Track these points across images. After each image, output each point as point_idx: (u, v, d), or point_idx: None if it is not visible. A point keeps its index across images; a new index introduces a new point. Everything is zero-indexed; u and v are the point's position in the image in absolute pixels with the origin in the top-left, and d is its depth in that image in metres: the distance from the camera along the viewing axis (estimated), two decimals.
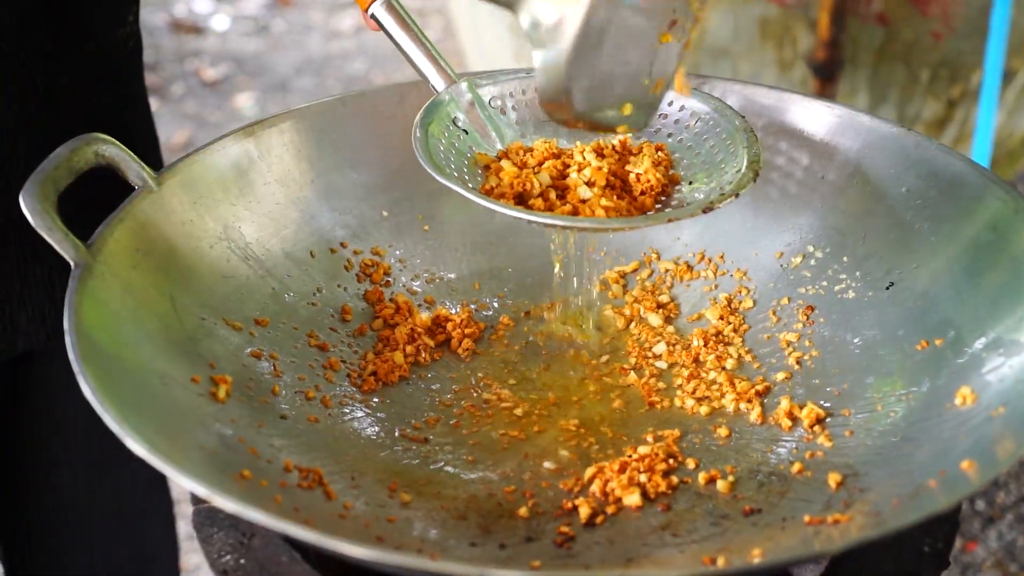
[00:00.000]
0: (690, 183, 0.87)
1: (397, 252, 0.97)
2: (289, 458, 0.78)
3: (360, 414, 0.86)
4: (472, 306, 0.96)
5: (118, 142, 0.84)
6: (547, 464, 0.82)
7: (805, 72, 1.99)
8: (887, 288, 0.88)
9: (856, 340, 0.87)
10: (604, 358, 0.92)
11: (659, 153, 0.88)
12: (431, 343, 0.92)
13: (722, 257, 0.97)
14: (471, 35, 2.61)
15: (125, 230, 0.82)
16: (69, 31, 0.93)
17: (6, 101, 0.90)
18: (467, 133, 0.89)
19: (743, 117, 0.88)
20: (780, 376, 0.88)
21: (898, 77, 2.02)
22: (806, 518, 0.74)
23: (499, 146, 0.89)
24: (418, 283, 0.97)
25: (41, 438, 1.09)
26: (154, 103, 3.11)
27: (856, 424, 0.82)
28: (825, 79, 1.93)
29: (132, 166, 0.85)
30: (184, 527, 1.93)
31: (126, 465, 1.14)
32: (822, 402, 0.84)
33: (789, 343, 0.90)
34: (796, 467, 0.80)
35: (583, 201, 0.84)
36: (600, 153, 0.88)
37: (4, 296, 0.94)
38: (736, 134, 0.87)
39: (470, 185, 0.85)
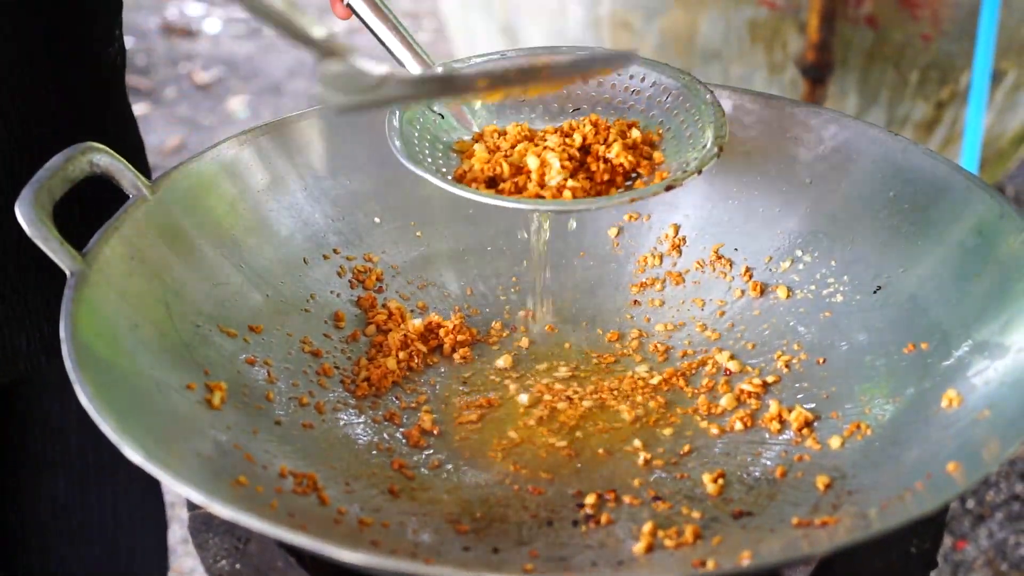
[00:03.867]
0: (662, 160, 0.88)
1: (390, 258, 0.98)
2: (284, 464, 0.79)
3: (354, 420, 0.86)
4: (464, 312, 0.97)
5: (112, 151, 0.85)
6: (540, 468, 0.83)
7: (795, 74, 2.00)
8: (874, 292, 0.89)
9: (844, 344, 0.88)
10: (595, 363, 0.93)
11: (634, 131, 0.89)
12: (424, 349, 0.93)
13: (711, 263, 0.97)
14: (463, 37, 2.61)
15: (120, 239, 0.83)
16: (65, 53, 0.94)
17: (3, 123, 0.91)
18: (443, 117, 0.91)
19: (711, 92, 0.89)
20: (769, 380, 0.89)
21: (888, 79, 2.03)
22: (795, 520, 0.75)
23: (475, 129, 0.91)
24: (411, 289, 0.98)
25: (36, 446, 1.09)
26: (147, 107, 3.12)
27: (844, 427, 0.82)
28: (815, 81, 1.94)
29: (126, 175, 0.86)
30: (179, 531, 1.94)
31: (119, 472, 1.15)
32: (810, 405, 0.85)
33: (777, 347, 0.91)
34: (785, 470, 0.80)
35: (550, 184, 0.85)
36: (568, 135, 0.88)
37: (4, 320, 0.95)
38: (703, 108, 0.88)
39: (444, 171, 0.87)
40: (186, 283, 0.86)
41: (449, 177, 0.86)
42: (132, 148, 1.05)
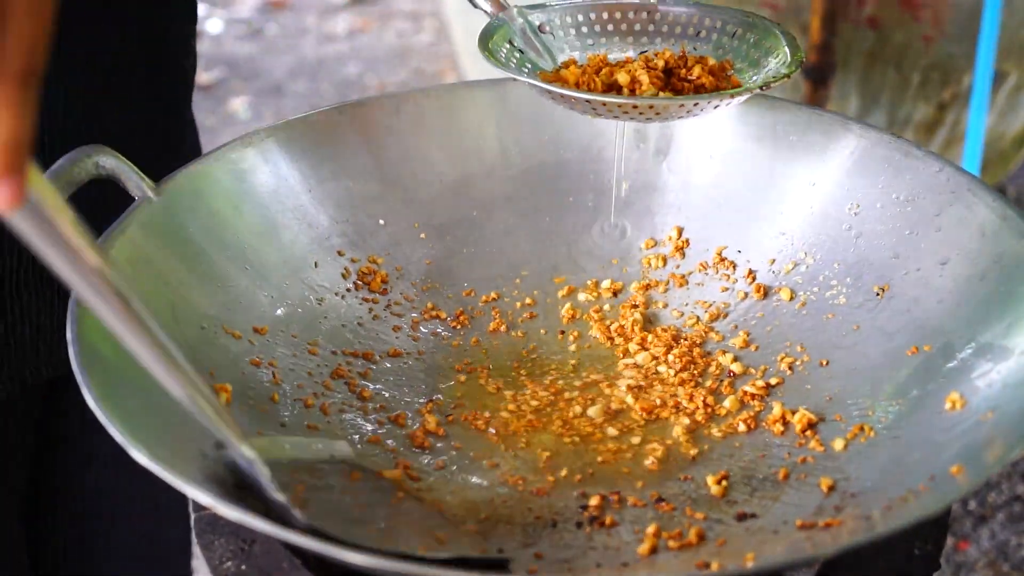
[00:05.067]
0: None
1: (394, 261, 0.99)
2: None
3: (358, 421, 0.87)
4: (468, 313, 0.97)
5: (118, 154, 0.85)
6: (544, 470, 0.83)
7: (797, 76, 2.00)
8: (877, 295, 0.90)
9: (847, 346, 0.89)
10: (599, 365, 0.93)
11: (709, 62, 0.93)
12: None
13: (714, 265, 0.98)
14: (464, 38, 2.62)
15: (126, 241, 0.83)
16: (155, 62, 0.96)
17: (100, 132, 0.92)
18: (522, 53, 0.95)
19: (778, 23, 0.94)
20: (772, 382, 0.89)
21: (889, 80, 2.03)
22: (798, 522, 0.75)
23: (553, 65, 0.95)
24: (415, 291, 0.98)
25: (72, 434, 1.10)
26: None
27: (847, 429, 0.83)
28: (816, 83, 1.94)
29: (132, 177, 0.86)
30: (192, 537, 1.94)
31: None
32: (814, 407, 0.86)
33: (780, 349, 0.91)
34: (788, 472, 0.81)
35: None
36: (649, 65, 0.93)
37: (51, 314, 0.96)
38: (771, 33, 0.93)
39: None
40: (191, 285, 0.87)
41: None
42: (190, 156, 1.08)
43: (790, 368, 0.90)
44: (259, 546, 0.78)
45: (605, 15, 0.98)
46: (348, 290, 0.96)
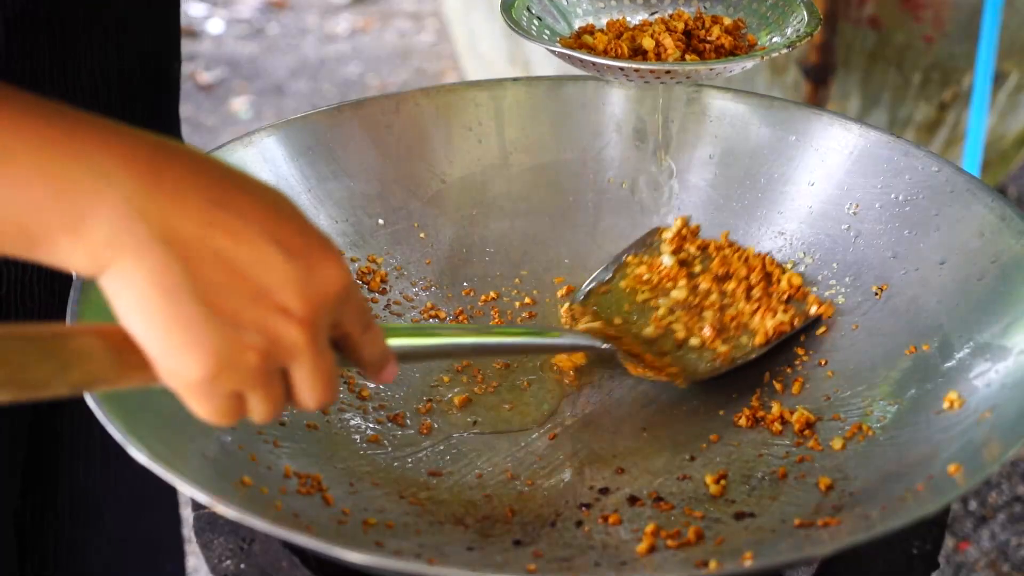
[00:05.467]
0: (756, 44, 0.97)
1: (393, 260, 0.99)
2: (288, 464, 0.79)
3: (358, 420, 0.87)
4: (467, 312, 0.97)
5: None
6: (543, 469, 0.83)
7: (798, 76, 2.00)
8: (876, 294, 0.90)
9: (845, 345, 0.89)
10: (598, 363, 0.93)
11: (725, 19, 0.97)
12: None
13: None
14: (465, 38, 2.62)
15: None
16: (145, 69, 0.96)
17: None
18: (541, 19, 0.98)
19: None
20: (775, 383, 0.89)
21: (890, 80, 2.03)
22: (797, 521, 0.75)
23: (570, 30, 0.99)
24: (415, 290, 0.98)
25: (62, 431, 1.10)
26: None
27: (845, 428, 0.83)
28: (818, 83, 1.94)
29: None
30: (182, 531, 1.94)
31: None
32: (812, 406, 0.86)
33: (780, 348, 0.91)
34: (786, 471, 0.81)
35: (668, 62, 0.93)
36: (669, 28, 0.96)
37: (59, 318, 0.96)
38: (790, 2, 0.96)
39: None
40: None
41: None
42: None
43: (789, 367, 0.90)
44: (258, 545, 0.78)
45: None
46: None
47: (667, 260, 0.94)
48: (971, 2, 1.92)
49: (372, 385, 0.90)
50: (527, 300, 0.99)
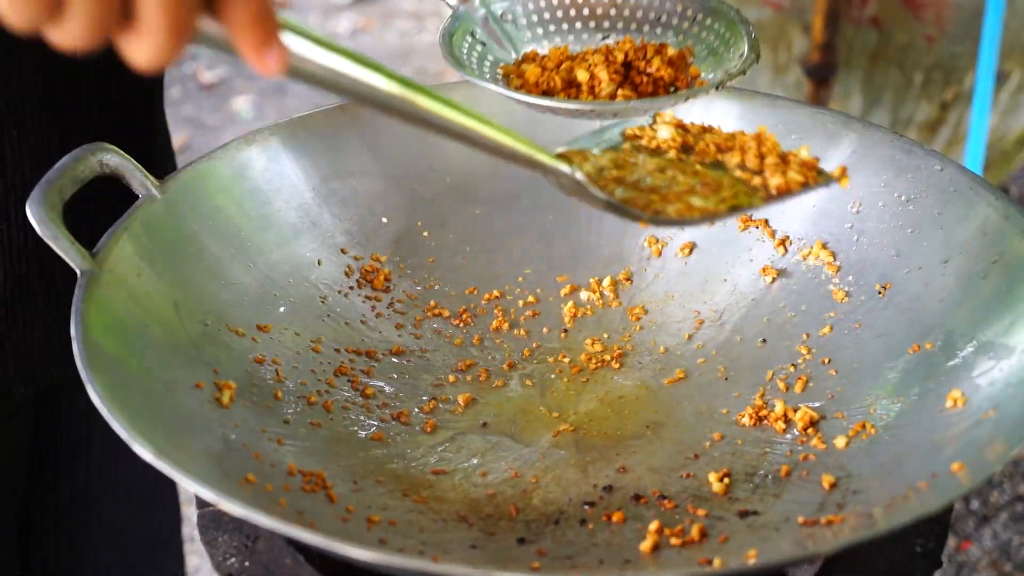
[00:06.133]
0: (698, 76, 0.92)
1: (397, 259, 0.99)
2: (292, 462, 0.79)
3: (361, 418, 0.87)
4: (471, 311, 0.97)
5: (121, 151, 0.86)
6: (546, 467, 0.83)
7: (799, 75, 2.00)
8: (879, 292, 0.90)
9: (848, 344, 0.89)
10: (599, 361, 0.93)
11: (669, 48, 0.92)
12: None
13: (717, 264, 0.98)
14: None
15: (130, 238, 0.84)
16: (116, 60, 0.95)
17: (50, 129, 0.92)
18: (484, 45, 0.93)
19: (737, 10, 0.92)
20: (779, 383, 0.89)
21: (892, 80, 2.03)
22: (800, 519, 0.75)
23: (515, 56, 0.94)
24: (418, 289, 0.98)
25: (63, 428, 1.10)
26: None
27: (849, 427, 0.83)
28: (819, 82, 1.94)
29: (136, 175, 0.86)
30: (185, 529, 1.95)
31: (137, 460, 1.16)
32: (816, 405, 0.86)
33: (782, 347, 0.91)
34: (790, 469, 0.81)
35: (601, 96, 0.89)
36: (609, 58, 0.91)
37: (55, 319, 0.96)
38: (734, 25, 0.92)
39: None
40: (195, 283, 0.87)
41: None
42: (164, 153, 1.07)
43: (792, 366, 0.90)
44: (262, 542, 0.78)
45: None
46: (351, 288, 0.96)
47: (664, 132, 0.89)
48: (973, 2, 1.92)
49: (376, 383, 0.90)
50: (531, 299, 0.99)
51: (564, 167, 0.74)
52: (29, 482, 1.11)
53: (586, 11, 0.95)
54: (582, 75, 0.89)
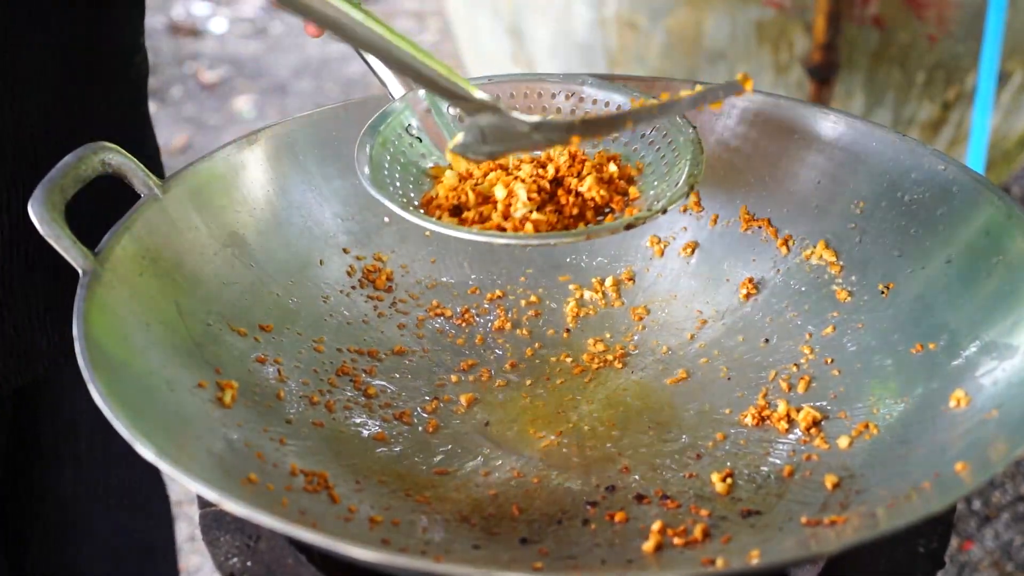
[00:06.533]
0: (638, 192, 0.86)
1: (399, 258, 0.99)
2: (294, 462, 0.79)
3: (364, 418, 0.87)
4: (473, 311, 0.97)
5: (123, 151, 0.86)
6: (549, 467, 0.83)
7: (801, 75, 2.00)
8: (882, 292, 0.90)
9: (852, 344, 0.89)
10: (602, 361, 0.93)
11: (612, 165, 0.87)
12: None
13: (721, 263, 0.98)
14: (468, 38, 2.62)
15: (132, 238, 0.84)
16: (98, 61, 0.95)
17: (36, 128, 0.92)
18: (420, 141, 0.90)
19: (694, 128, 0.87)
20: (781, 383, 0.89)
21: (894, 80, 2.03)
22: (803, 519, 0.75)
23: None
24: (420, 288, 0.98)
25: (48, 442, 1.10)
26: (153, 106, 3.12)
27: (852, 427, 0.83)
28: (821, 82, 1.94)
29: (138, 174, 0.86)
30: (185, 529, 1.95)
31: (127, 463, 1.15)
32: (819, 404, 0.86)
33: (785, 347, 0.91)
34: (793, 469, 0.81)
35: (514, 216, 0.84)
36: (543, 165, 0.87)
37: (26, 322, 0.95)
38: (684, 144, 0.86)
39: (413, 195, 0.86)
40: (197, 282, 0.87)
41: (416, 203, 0.85)
42: (151, 152, 1.07)
43: (795, 365, 0.90)
44: (264, 542, 0.78)
45: (525, 94, 0.91)
46: (353, 287, 0.96)
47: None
48: (975, 1, 1.92)
49: (378, 383, 0.90)
50: (532, 299, 0.99)
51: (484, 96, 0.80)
52: (8, 488, 1.11)
53: (543, 110, 0.91)
54: (500, 192, 0.84)
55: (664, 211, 0.82)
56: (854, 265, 0.92)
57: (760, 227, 0.97)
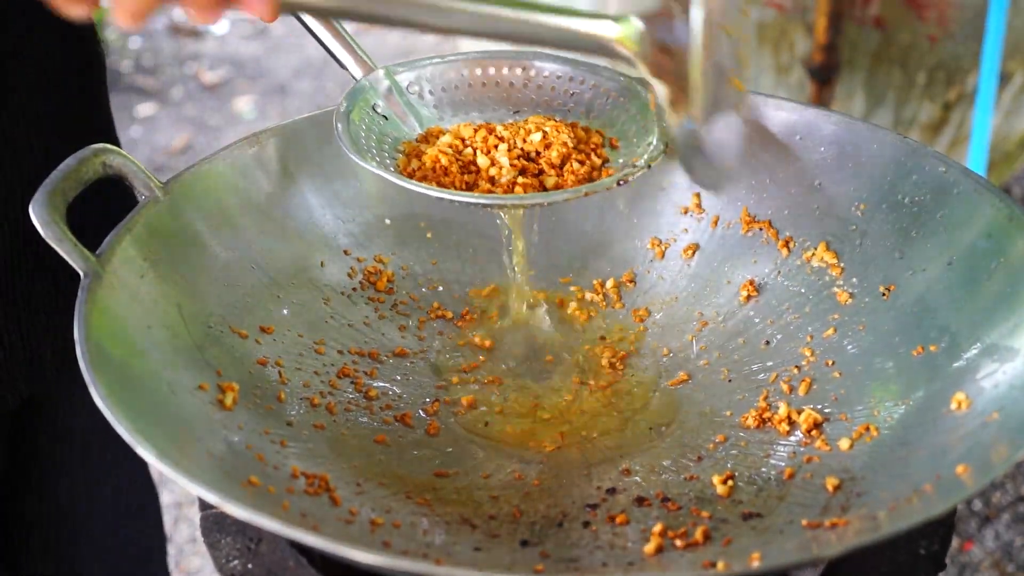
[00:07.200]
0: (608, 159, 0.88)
1: (400, 260, 0.99)
2: (296, 464, 0.79)
3: (364, 420, 0.87)
4: (474, 313, 0.97)
5: (125, 153, 0.86)
6: (550, 469, 0.83)
7: (802, 76, 2.00)
8: (883, 294, 0.90)
9: (852, 346, 0.89)
10: (603, 363, 0.93)
11: (578, 130, 0.88)
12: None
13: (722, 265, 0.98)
14: (468, 37, 2.63)
15: (133, 240, 0.84)
16: (53, 52, 0.95)
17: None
18: (387, 119, 0.90)
19: (652, 93, 0.88)
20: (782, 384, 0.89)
21: (895, 80, 2.03)
22: (804, 522, 0.75)
23: (419, 131, 0.90)
24: (421, 290, 0.98)
25: (43, 446, 1.10)
26: (153, 107, 3.12)
27: (853, 429, 0.83)
28: (822, 83, 1.94)
29: (139, 176, 0.86)
30: (186, 530, 1.95)
31: (122, 470, 1.16)
32: (820, 407, 0.86)
33: (786, 349, 0.91)
34: (794, 471, 0.81)
35: (500, 182, 0.86)
36: (513, 142, 0.88)
37: (30, 331, 0.95)
38: (645, 110, 0.88)
39: (391, 169, 0.86)
40: (198, 284, 0.87)
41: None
42: (102, 125, 1.06)
43: (796, 368, 0.90)
44: (265, 544, 0.78)
45: (479, 71, 0.92)
46: (354, 289, 0.96)
47: (536, 136, 0.88)
48: (976, 2, 1.92)
49: (379, 385, 0.90)
50: (533, 301, 0.99)
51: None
52: (5, 498, 1.11)
53: (496, 83, 0.92)
54: (482, 161, 0.86)
55: (648, 167, 0.84)
56: (855, 267, 0.92)
57: (761, 229, 0.97)
